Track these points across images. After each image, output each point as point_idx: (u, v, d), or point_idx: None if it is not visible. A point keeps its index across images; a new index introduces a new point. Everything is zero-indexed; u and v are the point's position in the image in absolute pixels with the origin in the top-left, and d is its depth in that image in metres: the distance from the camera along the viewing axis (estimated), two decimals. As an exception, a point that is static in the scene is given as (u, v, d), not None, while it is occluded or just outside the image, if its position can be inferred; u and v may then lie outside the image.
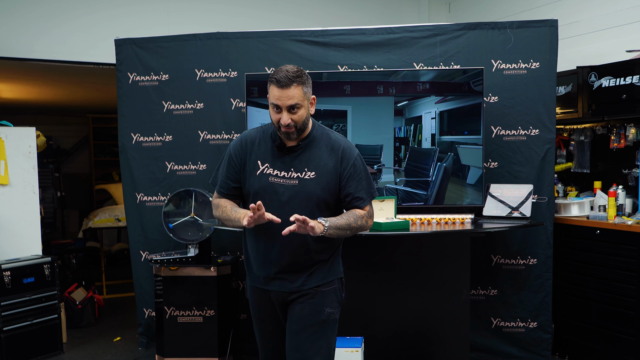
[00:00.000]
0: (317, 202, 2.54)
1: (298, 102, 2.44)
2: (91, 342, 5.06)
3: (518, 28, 4.26)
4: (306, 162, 2.54)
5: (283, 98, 2.43)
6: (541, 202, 4.20)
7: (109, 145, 9.36)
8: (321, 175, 2.53)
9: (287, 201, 2.51)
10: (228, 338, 4.33)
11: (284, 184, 2.53)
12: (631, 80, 4.00)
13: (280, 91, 2.43)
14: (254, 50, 4.47)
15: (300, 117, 2.47)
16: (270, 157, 2.57)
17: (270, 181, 2.54)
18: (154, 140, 4.60)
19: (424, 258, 3.97)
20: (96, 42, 5.27)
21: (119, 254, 8.48)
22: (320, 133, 2.61)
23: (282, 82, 2.42)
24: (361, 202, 2.58)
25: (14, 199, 4.66)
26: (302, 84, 2.46)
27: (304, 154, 2.55)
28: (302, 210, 2.43)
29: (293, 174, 2.53)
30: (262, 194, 2.54)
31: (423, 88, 4.10)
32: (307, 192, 2.52)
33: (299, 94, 2.44)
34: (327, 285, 2.62)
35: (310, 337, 2.57)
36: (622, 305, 3.94)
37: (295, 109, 2.45)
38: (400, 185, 4.13)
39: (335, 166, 2.54)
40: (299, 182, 2.52)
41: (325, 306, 2.60)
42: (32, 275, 4.54)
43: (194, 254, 4.28)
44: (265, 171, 2.56)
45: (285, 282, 2.59)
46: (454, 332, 3.95)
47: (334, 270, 2.66)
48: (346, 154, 2.56)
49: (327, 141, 2.59)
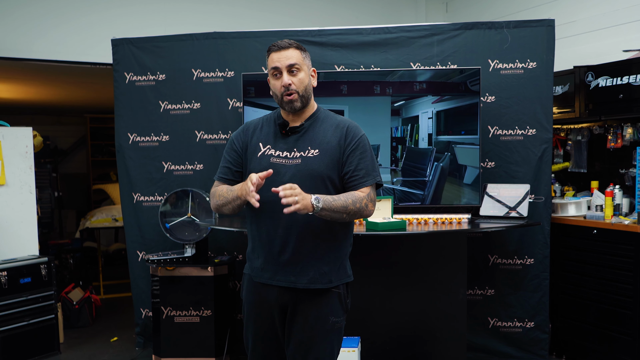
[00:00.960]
0: (322, 180, 2.41)
1: (297, 62, 2.42)
2: (88, 342, 5.05)
3: (515, 28, 4.26)
4: (310, 140, 2.45)
5: (282, 59, 2.41)
6: (538, 201, 4.20)
7: (107, 145, 9.36)
8: (325, 152, 2.43)
9: (290, 181, 2.33)
10: (225, 338, 4.32)
11: (286, 164, 2.43)
12: (628, 80, 4.00)
13: (278, 53, 2.42)
14: (251, 50, 4.46)
15: (301, 82, 2.42)
16: (272, 139, 2.49)
17: (271, 162, 2.44)
18: (151, 140, 4.59)
19: (421, 258, 3.97)
20: (93, 42, 5.27)
21: (116, 254, 8.47)
22: (325, 115, 2.54)
23: (280, 44, 2.43)
24: (362, 181, 2.44)
25: (10, 199, 4.65)
26: (300, 50, 2.46)
27: (308, 133, 2.47)
28: (307, 189, 2.30)
29: (296, 153, 2.44)
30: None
31: (420, 88, 4.10)
32: (310, 170, 2.40)
33: (297, 55, 2.43)
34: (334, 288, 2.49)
35: (313, 348, 2.46)
36: (619, 305, 3.94)
37: (294, 71, 2.42)
38: (397, 185, 4.13)
39: (339, 142, 2.44)
40: (302, 161, 2.42)
41: (329, 316, 2.48)
42: (28, 276, 4.52)
43: (191, 254, 4.28)
44: (266, 152, 2.47)
45: (290, 277, 2.44)
46: (450, 332, 3.94)
47: (341, 273, 2.52)
48: (351, 130, 2.47)
49: (333, 120, 2.51)
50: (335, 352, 2.54)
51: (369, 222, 3.62)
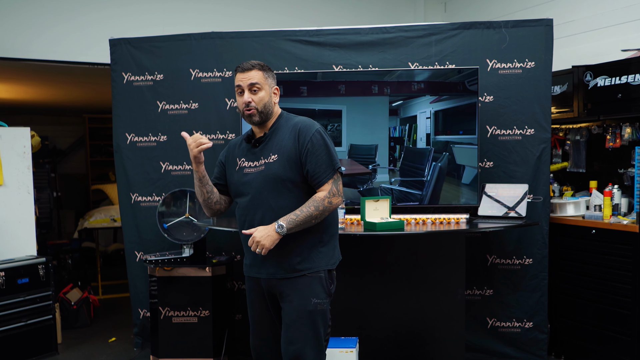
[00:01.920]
0: (282, 182, 2.67)
1: (258, 81, 2.68)
2: (86, 342, 5.04)
3: (513, 27, 4.26)
4: (271, 147, 2.72)
5: (244, 79, 2.68)
6: (537, 201, 4.20)
7: (105, 145, 9.35)
8: (282, 155, 2.68)
9: (256, 186, 2.70)
10: (223, 338, 4.32)
11: (254, 172, 2.73)
12: (626, 79, 3.99)
13: (241, 74, 2.69)
14: (249, 50, 4.45)
15: (260, 99, 2.69)
16: (245, 152, 2.79)
17: (245, 172, 2.76)
18: (149, 140, 4.59)
19: (419, 258, 3.96)
20: (92, 42, 5.26)
21: (115, 254, 8.46)
22: (286, 120, 2.79)
23: (244, 66, 2.70)
24: (321, 178, 2.66)
25: (8, 199, 4.65)
26: (262, 70, 2.72)
27: (270, 141, 2.73)
28: (270, 192, 2.67)
29: (262, 160, 2.72)
30: (239, 185, 2.77)
31: (418, 88, 4.09)
32: (270, 174, 2.67)
33: (258, 76, 2.69)
34: (311, 273, 2.71)
35: (299, 329, 2.69)
36: (617, 305, 3.94)
37: (255, 90, 2.68)
38: (395, 185, 4.12)
39: (294, 145, 2.68)
40: (265, 167, 2.70)
41: (311, 297, 2.70)
42: (26, 276, 4.52)
43: (189, 254, 4.27)
44: (241, 165, 2.79)
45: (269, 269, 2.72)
46: (449, 332, 3.94)
47: (319, 261, 2.74)
48: (303, 130, 2.69)
49: (290, 125, 2.75)
50: (322, 333, 2.76)
51: (367, 222, 3.61)
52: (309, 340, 2.69)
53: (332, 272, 2.80)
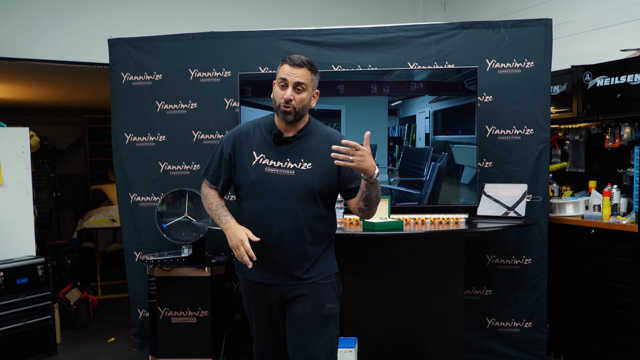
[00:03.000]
0: (313, 193, 2.56)
1: (305, 82, 2.54)
2: (85, 342, 5.04)
3: (512, 27, 4.25)
4: (302, 152, 2.58)
5: (292, 74, 2.53)
6: (536, 201, 4.19)
7: (105, 145, 9.34)
8: (318, 167, 2.56)
9: (282, 191, 2.54)
10: (222, 338, 4.31)
11: (280, 174, 2.56)
12: (625, 79, 3.99)
13: (291, 68, 2.54)
14: (248, 49, 4.45)
15: (302, 100, 2.55)
16: (265, 148, 2.61)
17: (266, 171, 2.57)
18: (148, 140, 4.58)
19: (418, 258, 3.96)
20: (92, 42, 5.26)
21: (114, 254, 8.45)
22: (316, 126, 2.67)
23: (296, 61, 2.54)
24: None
25: (7, 200, 4.65)
26: (312, 72, 2.59)
27: (300, 145, 2.59)
28: (298, 201, 2.53)
29: (289, 164, 2.57)
30: (257, 184, 2.57)
31: (417, 87, 4.09)
32: (303, 183, 2.54)
33: (307, 76, 2.56)
34: (325, 279, 2.63)
35: (314, 334, 2.60)
36: (616, 305, 3.94)
37: (300, 89, 2.54)
38: (394, 185, 4.12)
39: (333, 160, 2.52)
40: (295, 173, 2.55)
41: (325, 302, 2.62)
42: (25, 276, 4.52)
43: (188, 254, 4.27)
44: (260, 162, 2.59)
45: (281, 276, 2.60)
46: (448, 332, 3.94)
47: (330, 265, 2.68)
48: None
49: (325, 134, 2.64)
50: (334, 337, 2.68)
51: (366, 222, 3.61)
52: (324, 345, 2.61)
53: (339, 274, 2.74)
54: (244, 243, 2.48)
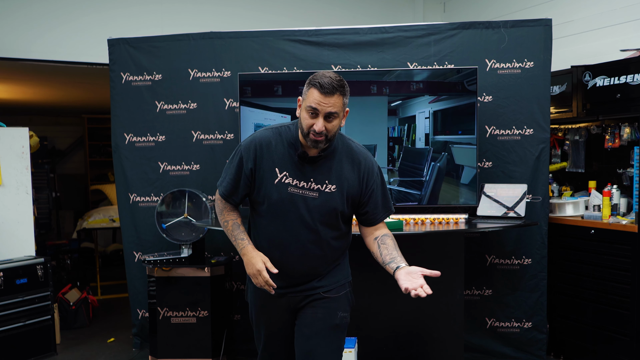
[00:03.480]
0: (336, 214, 2.47)
1: (337, 111, 2.33)
2: (85, 343, 5.04)
3: (512, 27, 4.25)
4: (327, 173, 2.45)
5: (324, 104, 2.31)
6: (536, 201, 4.19)
7: (104, 145, 9.34)
8: (342, 189, 2.45)
9: (305, 213, 2.43)
10: (222, 339, 4.31)
11: (304, 195, 2.43)
12: (625, 79, 3.99)
13: (322, 97, 2.30)
14: (248, 49, 4.45)
15: (333, 127, 2.36)
16: (288, 165, 2.44)
17: (289, 191, 2.43)
18: (147, 140, 4.58)
19: (418, 258, 3.91)
20: (91, 43, 5.26)
21: (114, 254, 8.45)
22: (342, 143, 2.50)
23: (327, 88, 2.30)
24: (380, 218, 2.57)
25: (7, 200, 4.64)
26: (344, 95, 2.37)
27: (325, 165, 2.45)
28: (322, 223, 2.45)
29: (313, 185, 2.44)
30: (279, 205, 2.44)
31: (417, 88, 4.09)
32: (328, 206, 2.45)
33: (339, 103, 2.34)
34: (339, 290, 2.58)
35: (322, 342, 2.53)
36: (616, 305, 3.93)
37: (331, 118, 2.34)
38: (394, 185, 4.12)
39: (358, 182, 2.48)
40: (320, 195, 2.44)
41: (338, 310, 2.56)
42: (25, 276, 4.51)
43: (188, 254, 4.26)
44: (284, 180, 2.43)
45: (295, 287, 2.55)
46: (448, 332, 3.93)
47: (345, 273, 2.64)
48: (369, 171, 2.50)
49: (349, 153, 2.49)
50: (342, 346, 2.64)
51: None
52: (332, 353, 2.56)
53: (351, 282, 2.69)
54: (262, 274, 2.39)
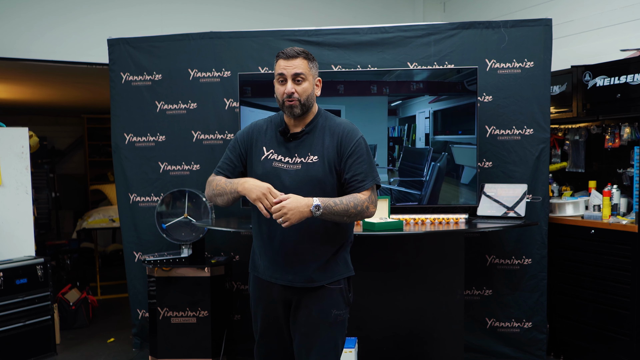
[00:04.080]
0: (321, 186, 2.51)
1: (303, 72, 2.50)
2: (85, 343, 5.04)
3: (512, 27, 4.25)
4: (309, 147, 2.54)
5: (288, 67, 2.49)
6: (536, 201, 4.19)
7: (104, 145, 9.34)
8: (323, 158, 2.52)
9: (289, 185, 2.49)
10: (222, 339, 4.31)
11: (287, 169, 2.53)
12: (625, 79, 3.99)
13: (285, 61, 2.49)
14: (248, 49, 4.45)
15: (304, 90, 2.50)
16: (275, 143, 2.58)
17: (274, 166, 2.54)
18: (147, 140, 4.58)
19: (418, 258, 3.96)
20: (91, 43, 5.26)
21: (113, 254, 8.45)
22: (325, 118, 2.61)
23: (289, 53, 2.50)
24: (361, 185, 2.51)
25: (6, 200, 4.64)
26: (308, 60, 2.54)
27: (308, 139, 2.55)
28: (307, 194, 2.43)
29: (297, 159, 2.53)
30: (264, 178, 2.50)
31: (417, 87, 4.09)
32: (310, 176, 2.50)
33: (304, 65, 2.51)
34: (333, 284, 2.57)
35: (317, 340, 2.57)
36: (616, 305, 3.94)
37: (299, 80, 2.50)
38: (394, 185, 4.12)
39: (337, 148, 2.53)
40: (302, 167, 2.52)
41: (332, 308, 2.58)
42: (24, 276, 4.51)
43: (188, 254, 4.26)
44: (269, 156, 2.57)
45: (288, 275, 2.55)
46: (448, 333, 3.93)
47: (341, 269, 2.60)
48: (348, 135, 2.54)
49: (331, 126, 2.58)
50: (340, 344, 2.64)
51: (366, 223, 3.60)
52: (328, 351, 2.58)
53: (351, 280, 2.66)
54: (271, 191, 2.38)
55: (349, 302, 2.66)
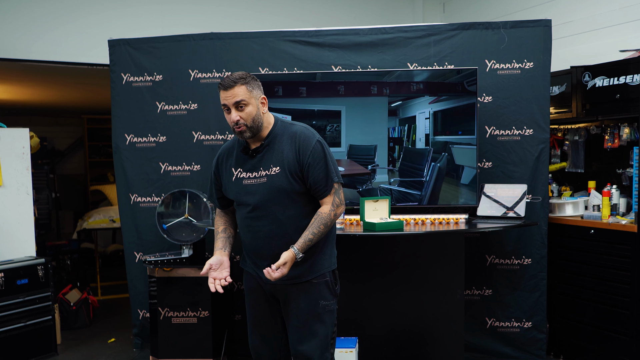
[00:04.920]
0: (287, 193, 2.65)
1: (243, 98, 2.60)
2: (85, 343, 5.04)
3: (512, 28, 4.26)
4: (271, 158, 2.67)
5: (228, 97, 2.60)
6: (535, 201, 4.20)
7: (104, 146, 9.35)
8: (284, 168, 2.64)
9: (260, 199, 2.66)
10: (222, 339, 4.32)
11: (255, 184, 2.68)
12: (625, 80, 4.00)
13: (225, 92, 2.61)
14: (248, 50, 4.46)
15: (248, 115, 2.61)
16: (241, 162, 2.73)
17: (244, 184, 2.71)
18: (148, 141, 4.59)
19: (418, 258, 3.97)
20: (92, 43, 5.27)
21: (114, 255, 8.46)
22: (282, 128, 2.72)
23: (226, 84, 2.60)
24: (323, 191, 2.66)
25: (7, 200, 4.65)
26: (246, 84, 2.62)
27: (268, 153, 2.68)
28: (276, 204, 2.65)
29: (262, 172, 2.67)
30: (239, 197, 2.73)
31: (417, 88, 4.10)
32: (276, 187, 2.64)
33: (242, 91, 2.60)
34: (317, 278, 2.72)
35: (307, 330, 2.71)
36: (616, 305, 3.94)
37: (242, 106, 2.60)
38: (394, 186, 4.13)
39: (296, 156, 2.65)
40: (267, 179, 2.66)
41: (319, 299, 2.72)
42: (25, 277, 4.52)
43: (188, 254, 4.27)
44: (239, 175, 2.73)
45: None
46: (448, 332, 3.94)
47: (324, 263, 2.75)
48: (303, 143, 2.65)
49: (290, 135, 2.69)
50: (330, 330, 2.78)
51: (367, 223, 3.61)
52: (318, 341, 2.72)
53: (336, 272, 2.81)
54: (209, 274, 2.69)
55: (335, 293, 2.80)
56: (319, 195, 2.67)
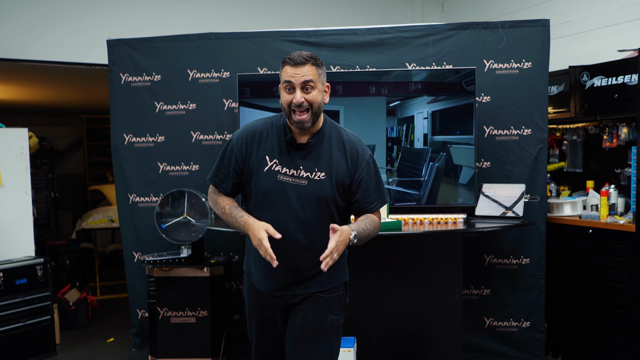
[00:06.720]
0: (327, 203, 2.41)
1: (312, 79, 2.33)
2: (84, 343, 5.04)
3: (510, 28, 4.27)
4: (316, 161, 2.41)
5: (296, 75, 2.32)
6: (534, 201, 4.21)
7: (103, 146, 9.34)
8: (331, 177, 2.40)
9: (294, 203, 2.39)
10: (221, 339, 4.32)
11: (293, 183, 2.39)
12: (623, 79, 4.01)
13: (293, 69, 2.33)
14: (246, 50, 4.46)
15: (314, 98, 2.34)
16: (277, 153, 2.42)
17: (278, 179, 2.40)
18: (147, 140, 4.59)
19: (417, 258, 3.97)
20: (90, 43, 5.27)
21: (113, 254, 8.46)
22: (331, 130, 2.47)
23: (296, 59, 2.33)
24: (372, 207, 2.47)
25: (6, 200, 4.65)
26: (317, 66, 2.36)
27: (314, 152, 2.42)
28: (312, 212, 2.38)
29: (302, 173, 2.40)
30: (269, 193, 2.41)
31: (415, 88, 4.10)
32: (316, 195, 2.39)
33: (313, 72, 2.34)
34: (331, 292, 2.50)
35: (311, 345, 2.47)
36: (614, 305, 3.95)
37: (308, 88, 2.33)
38: (392, 185, 4.13)
39: (348, 168, 2.43)
40: (309, 183, 2.39)
41: (328, 313, 2.49)
42: (24, 277, 4.52)
43: (187, 254, 4.28)
44: (273, 168, 2.41)
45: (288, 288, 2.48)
46: (446, 332, 3.95)
47: (339, 274, 2.54)
48: (359, 157, 2.44)
49: (339, 139, 2.46)
50: (335, 350, 2.55)
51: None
52: (323, 356, 2.49)
53: (348, 283, 2.60)
54: (262, 243, 2.27)
55: (345, 306, 2.59)
56: (366, 210, 2.46)
